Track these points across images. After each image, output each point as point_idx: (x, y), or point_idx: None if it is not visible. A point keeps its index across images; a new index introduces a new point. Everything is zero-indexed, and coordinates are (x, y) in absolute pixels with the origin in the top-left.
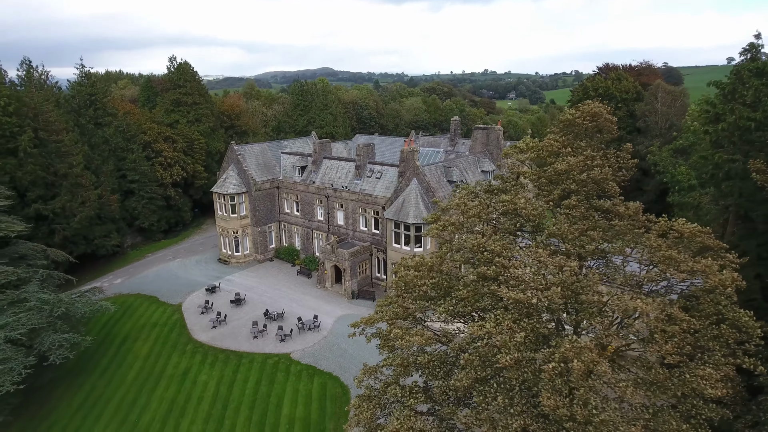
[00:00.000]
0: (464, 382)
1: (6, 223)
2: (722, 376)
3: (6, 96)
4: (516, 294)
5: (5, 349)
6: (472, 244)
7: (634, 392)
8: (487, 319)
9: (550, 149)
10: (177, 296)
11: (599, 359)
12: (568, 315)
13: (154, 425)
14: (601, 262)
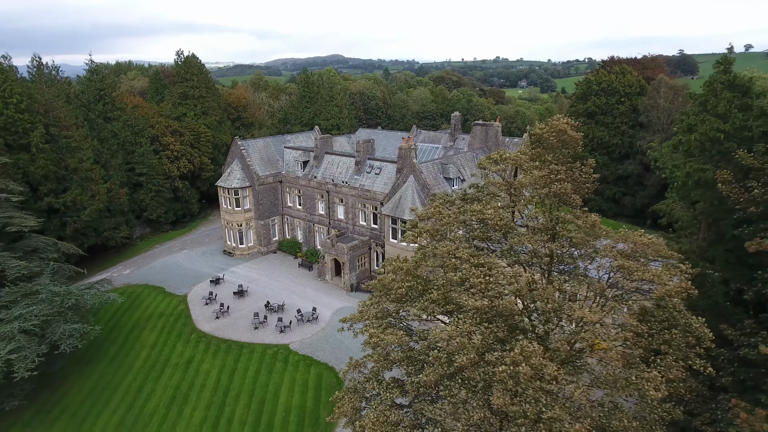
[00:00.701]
0: (431, 378)
1: (19, 219)
2: (670, 377)
3: (18, 93)
4: (474, 301)
5: (19, 339)
6: (443, 251)
7: (584, 392)
8: (450, 322)
9: (519, 162)
10: (183, 287)
11: (547, 363)
12: (529, 320)
13: (158, 411)
14: (569, 268)
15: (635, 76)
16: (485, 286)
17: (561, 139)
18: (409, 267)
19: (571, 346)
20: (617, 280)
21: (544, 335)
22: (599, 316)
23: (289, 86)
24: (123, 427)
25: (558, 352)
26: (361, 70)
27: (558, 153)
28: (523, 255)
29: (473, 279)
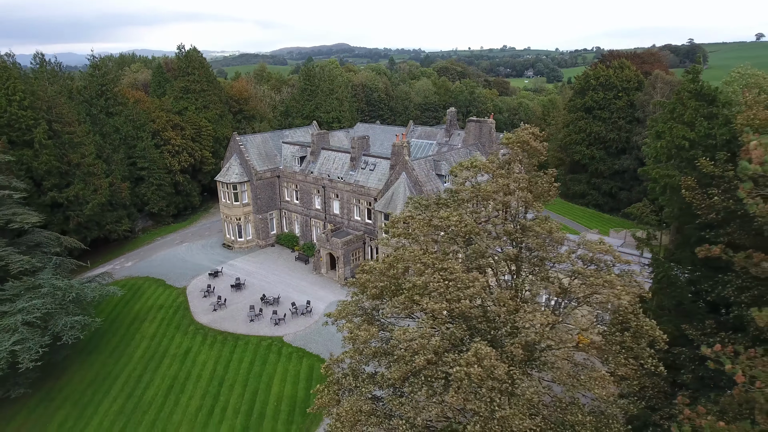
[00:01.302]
0: (396, 374)
1: (22, 216)
2: (620, 375)
3: (21, 91)
4: (433, 304)
5: (23, 331)
6: (409, 256)
7: (536, 391)
8: (415, 323)
9: (487, 169)
10: (182, 280)
11: (498, 364)
12: (487, 323)
13: (156, 400)
14: (534, 272)
15: (633, 70)
16: (445, 290)
17: (525, 150)
18: (382, 268)
19: (530, 347)
20: (572, 287)
21: (502, 337)
22: (551, 319)
23: (291, 78)
24: (123, 414)
25: (513, 354)
26: (366, 59)
27: (525, 162)
28: (483, 260)
29: (433, 284)
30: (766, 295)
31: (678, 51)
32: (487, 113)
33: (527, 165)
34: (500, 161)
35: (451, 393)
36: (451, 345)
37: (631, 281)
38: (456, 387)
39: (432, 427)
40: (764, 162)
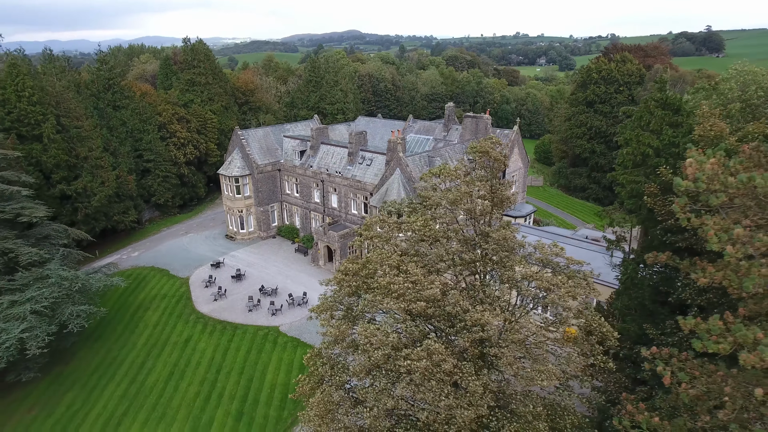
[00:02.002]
0: (358, 368)
1: (30, 209)
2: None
3: (30, 87)
4: (394, 304)
5: (31, 319)
6: (377, 257)
7: (482, 383)
8: (379, 320)
9: (454, 175)
10: (185, 270)
11: (447, 359)
12: (444, 322)
13: (158, 385)
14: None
15: (635, 64)
16: (405, 291)
17: (486, 159)
18: (356, 269)
19: (480, 344)
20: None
21: (456, 334)
22: (501, 318)
23: (298, 68)
24: (126, 398)
25: (463, 349)
26: (377, 46)
27: (489, 170)
28: (443, 263)
29: (394, 285)
30: (720, 298)
31: (694, 39)
32: (493, 103)
33: (489, 173)
34: (465, 169)
35: (403, 384)
36: (411, 341)
37: (582, 283)
38: (408, 379)
39: (396, 413)
40: (696, 179)
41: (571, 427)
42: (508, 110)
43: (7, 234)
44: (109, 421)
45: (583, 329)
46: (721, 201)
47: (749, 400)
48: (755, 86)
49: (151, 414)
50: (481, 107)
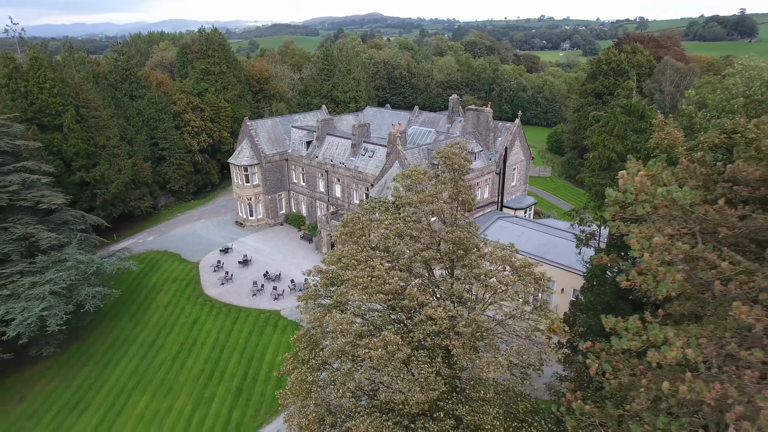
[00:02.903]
0: (327, 353)
1: (50, 197)
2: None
3: (51, 79)
4: (358, 296)
5: (50, 299)
6: (347, 253)
7: (433, 370)
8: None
9: (422, 178)
10: (196, 255)
11: (402, 348)
12: (400, 313)
13: (166, 362)
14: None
15: (646, 55)
16: (368, 284)
17: (450, 163)
18: (333, 260)
19: (434, 335)
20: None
21: (414, 325)
22: (450, 313)
23: (314, 55)
24: (136, 374)
25: (423, 340)
26: (398, 29)
27: (455, 172)
28: (403, 260)
29: (358, 279)
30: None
31: (726, 22)
32: (509, 91)
33: (455, 176)
34: (433, 172)
35: (363, 368)
36: (374, 330)
37: (530, 281)
38: (368, 365)
39: (359, 393)
40: (626, 190)
41: (524, 411)
42: (524, 98)
43: (29, 220)
44: (120, 393)
45: (533, 323)
46: (646, 211)
47: (661, 392)
48: (759, 82)
49: (159, 388)
50: (497, 94)
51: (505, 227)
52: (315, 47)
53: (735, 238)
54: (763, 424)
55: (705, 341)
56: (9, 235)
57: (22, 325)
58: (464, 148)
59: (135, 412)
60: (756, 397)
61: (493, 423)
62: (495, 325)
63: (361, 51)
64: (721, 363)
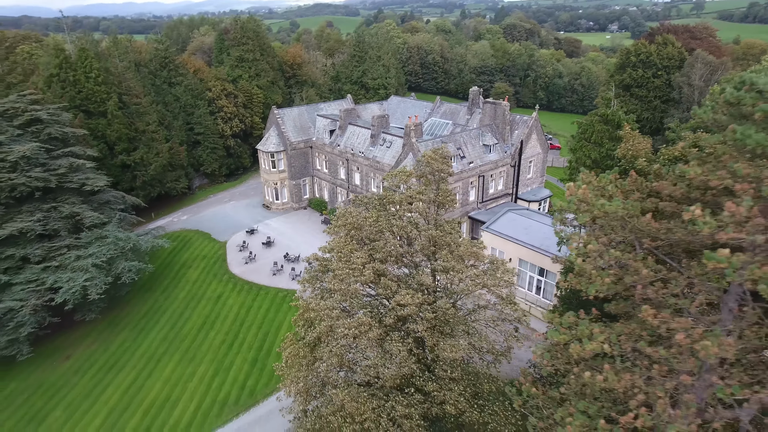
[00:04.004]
0: (314, 334)
1: (93, 179)
2: (472, 344)
3: (96, 69)
4: (336, 285)
5: (92, 271)
6: (335, 245)
7: (400, 348)
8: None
9: (407, 178)
10: (224, 235)
11: (374, 329)
12: (373, 299)
13: (192, 332)
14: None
15: (677, 48)
16: (346, 275)
17: (431, 167)
18: (326, 250)
19: (403, 319)
20: (446, 280)
21: (387, 311)
22: (417, 301)
23: (348, 39)
24: (166, 341)
25: (395, 323)
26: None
27: (434, 175)
28: (380, 254)
29: (339, 270)
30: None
31: None
32: (545, 77)
33: (437, 178)
34: (417, 174)
35: (341, 344)
36: (353, 314)
37: (504, 276)
38: (344, 343)
39: (342, 367)
40: (570, 201)
41: (488, 392)
42: (560, 85)
43: (75, 200)
44: (151, 358)
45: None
46: (585, 220)
47: (585, 380)
48: None
49: (185, 355)
50: (531, 81)
51: (513, 219)
52: (354, 28)
53: (670, 248)
54: (660, 411)
55: (624, 338)
56: (58, 214)
57: (68, 293)
58: (445, 154)
59: (163, 375)
60: (656, 388)
61: (457, 399)
62: (468, 314)
63: (396, 36)
64: (634, 357)
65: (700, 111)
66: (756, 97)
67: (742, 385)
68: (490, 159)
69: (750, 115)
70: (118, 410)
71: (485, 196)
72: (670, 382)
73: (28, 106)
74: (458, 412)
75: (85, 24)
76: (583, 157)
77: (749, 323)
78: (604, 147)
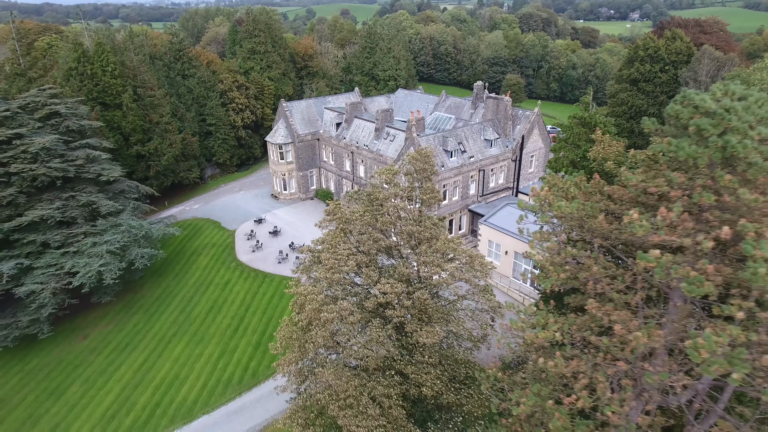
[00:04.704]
0: (303, 317)
1: (108, 170)
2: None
3: (112, 63)
4: (323, 273)
5: (107, 257)
6: (326, 237)
7: (381, 333)
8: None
9: (393, 177)
10: (234, 223)
11: (354, 313)
12: (356, 287)
13: (200, 316)
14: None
15: (686, 42)
16: (332, 265)
17: (414, 167)
18: (319, 241)
19: (383, 306)
20: (423, 272)
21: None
22: (397, 290)
23: (362, 29)
24: (176, 324)
25: (374, 309)
26: None
27: (418, 174)
28: (364, 246)
29: (327, 260)
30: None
31: None
32: (558, 68)
33: (420, 177)
34: (404, 171)
35: (321, 330)
36: (337, 300)
37: (480, 269)
38: (328, 326)
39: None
40: (533, 201)
41: (465, 376)
42: (574, 76)
43: (91, 189)
44: (162, 339)
45: (476, 303)
46: (546, 220)
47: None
48: None
49: (193, 337)
50: (545, 72)
51: (511, 213)
52: (371, 15)
53: (625, 247)
54: (600, 394)
55: (575, 328)
56: (76, 202)
57: (84, 277)
58: (428, 154)
59: (172, 355)
60: (599, 374)
61: (434, 382)
62: (448, 304)
63: (408, 26)
64: (583, 346)
65: (648, 122)
66: (692, 112)
67: (671, 372)
68: (491, 153)
69: (686, 128)
70: (130, 387)
71: (485, 189)
72: (611, 369)
73: (47, 99)
74: (435, 394)
75: (105, 11)
76: (561, 159)
77: (681, 316)
78: (581, 149)
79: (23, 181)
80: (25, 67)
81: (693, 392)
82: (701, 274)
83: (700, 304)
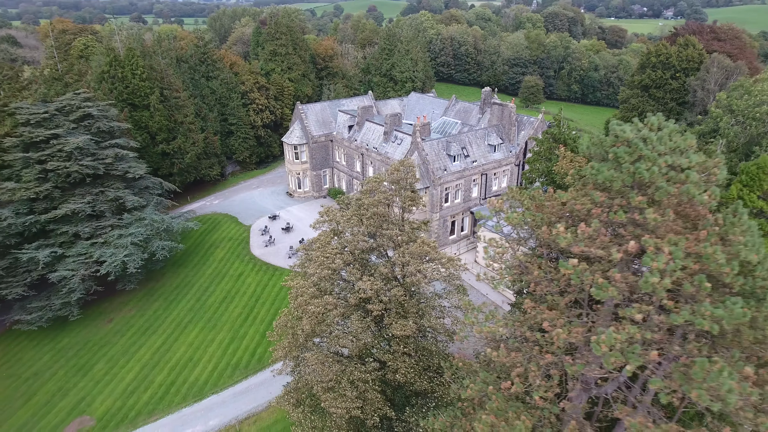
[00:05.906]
0: (293, 308)
1: (135, 168)
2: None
3: (141, 66)
4: (313, 269)
5: (131, 248)
6: (317, 237)
7: (363, 324)
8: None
9: (377, 186)
10: (249, 219)
11: (338, 307)
12: (342, 283)
13: (214, 305)
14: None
15: (698, 50)
16: (322, 262)
17: (395, 176)
18: (312, 241)
19: (365, 300)
20: (401, 271)
21: (351, 292)
22: (376, 287)
23: (382, 30)
24: (192, 311)
25: (357, 303)
26: None
27: (398, 184)
28: (349, 246)
29: (317, 257)
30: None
31: None
32: (580, 70)
33: (402, 186)
34: (390, 180)
35: (306, 321)
36: (324, 294)
37: (453, 270)
38: (314, 317)
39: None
40: (490, 211)
41: (437, 366)
42: (595, 78)
43: (119, 185)
44: (179, 324)
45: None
46: (499, 228)
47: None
48: None
49: (207, 324)
50: (567, 73)
51: None
52: (398, 12)
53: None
54: (531, 381)
55: (518, 324)
56: (104, 197)
57: (110, 266)
58: (410, 164)
59: (188, 340)
60: (532, 364)
61: (407, 370)
62: (424, 301)
63: (429, 27)
64: (522, 340)
65: (583, 146)
66: (614, 141)
67: (587, 364)
68: (494, 158)
69: (608, 155)
70: (149, 366)
71: (488, 192)
72: (542, 360)
73: (81, 103)
74: (407, 380)
75: (140, 7)
76: (534, 172)
77: (602, 317)
78: (551, 162)
79: (58, 177)
80: (62, 71)
81: (616, 384)
82: (608, 281)
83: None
